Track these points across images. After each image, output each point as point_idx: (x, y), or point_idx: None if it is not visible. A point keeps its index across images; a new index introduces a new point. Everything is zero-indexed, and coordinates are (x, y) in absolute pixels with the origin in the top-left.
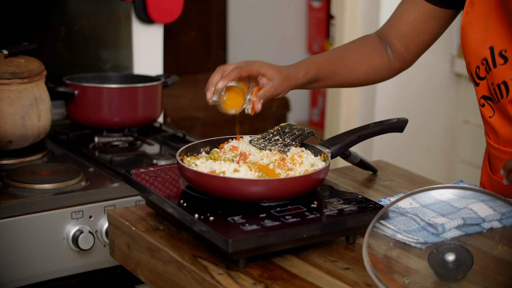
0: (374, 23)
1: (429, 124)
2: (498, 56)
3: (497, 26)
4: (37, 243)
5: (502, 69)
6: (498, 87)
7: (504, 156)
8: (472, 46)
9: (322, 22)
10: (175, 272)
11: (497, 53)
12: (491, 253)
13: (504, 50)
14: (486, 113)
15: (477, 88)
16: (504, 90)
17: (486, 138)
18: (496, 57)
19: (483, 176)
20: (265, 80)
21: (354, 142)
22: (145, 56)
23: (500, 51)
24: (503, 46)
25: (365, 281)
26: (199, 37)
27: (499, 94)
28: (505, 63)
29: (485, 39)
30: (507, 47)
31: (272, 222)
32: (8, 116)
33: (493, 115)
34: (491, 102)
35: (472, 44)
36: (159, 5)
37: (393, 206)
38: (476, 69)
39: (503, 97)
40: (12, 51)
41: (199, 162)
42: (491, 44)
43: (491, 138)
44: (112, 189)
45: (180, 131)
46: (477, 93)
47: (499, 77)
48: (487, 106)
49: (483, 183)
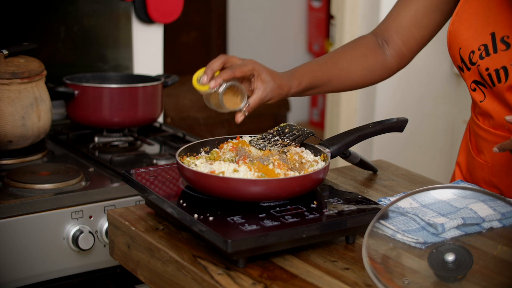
0: (374, 23)
1: (429, 124)
2: (500, 42)
3: (500, 13)
4: (37, 243)
5: (503, 55)
6: (496, 72)
7: (494, 138)
8: (470, 31)
9: (322, 22)
10: (174, 272)
11: (498, 39)
12: (491, 253)
13: (506, 36)
14: (477, 98)
15: (468, 73)
16: (503, 75)
17: (474, 120)
18: (497, 42)
19: (460, 156)
20: (259, 84)
21: (354, 142)
22: (145, 56)
23: (502, 37)
24: (506, 32)
25: (365, 281)
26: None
27: (496, 79)
28: (507, 49)
29: (487, 25)
30: (510, 34)
31: (272, 222)
32: (8, 116)
33: (484, 99)
34: (483, 87)
35: (470, 30)
36: (159, 5)
37: (393, 206)
38: (470, 53)
39: (501, 82)
40: (12, 51)
41: (199, 162)
42: (493, 30)
43: (480, 120)
44: (112, 189)
45: (180, 131)
46: (466, 78)
47: (498, 63)
48: (478, 90)
49: (459, 162)
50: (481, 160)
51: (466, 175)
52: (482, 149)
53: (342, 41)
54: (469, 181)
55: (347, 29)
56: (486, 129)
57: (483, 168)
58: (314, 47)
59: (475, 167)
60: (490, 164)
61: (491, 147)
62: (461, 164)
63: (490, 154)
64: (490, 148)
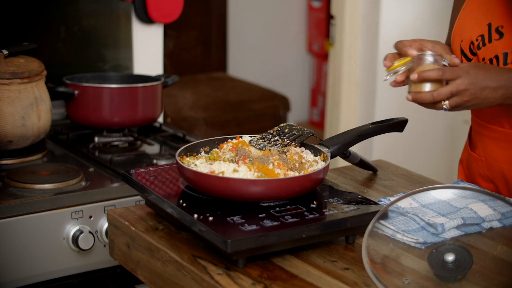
0: (374, 23)
1: (429, 124)
2: (494, 32)
3: (498, 4)
4: (37, 243)
5: (496, 44)
6: (490, 62)
7: (487, 132)
8: (471, 23)
9: (322, 22)
10: (174, 272)
11: (493, 29)
12: (490, 253)
13: (501, 26)
14: None
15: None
16: (495, 63)
17: (472, 115)
18: (492, 32)
19: (463, 154)
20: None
21: (354, 142)
22: (145, 56)
23: (497, 27)
24: (500, 22)
25: (365, 281)
26: (199, 37)
27: None
28: (500, 38)
29: (485, 16)
30: (504, 23)
31: (272, 222)
32: (8, 116)
33: None
34: None
35: (471, 22)
36: (159, 5)
37: (393, 206)
38: (470, 45)
39: None
40: (12, 51)
41: (199, 162)
42: (490, 21)
43: (476, 114)
44: (112, 189)
45: (180, 131)
46: None
47: (492, 52)
48: None
49: (462, 160)
50: (476, 154)
51: (466, 172)
52: (477, 144)
53: (342, 41)
54: (468, 177)
55: (347, 29)
56: (480, 123)
57: (478, 163)
58: (314, 47)
59: (471, 162)
60: (484, 158)
61: (484, 142)
62: (463, 162)
63: (484, 148)
64: (484, 142)
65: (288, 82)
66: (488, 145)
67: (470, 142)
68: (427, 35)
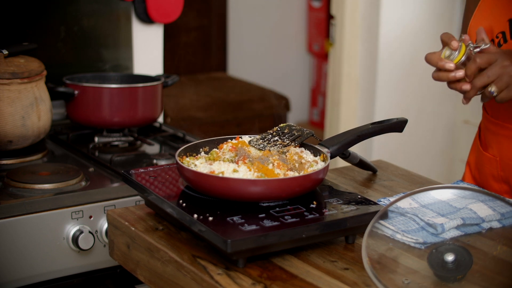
0: (374, 23)
1: (429, 124)
2: None
3: None
4: (37, 243)
5: None
6: None
7: (504, 131)
8: (489, 20)
9: (322, 22)
10: (174, 272)
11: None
12: (490, 253)
13: None
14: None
15: None
16: None
17: (484, 114)
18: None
19: (470, 156)
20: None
21: (353, 142)
22: (145, 56)
23: None
24: None
25: (364, 281)
26: (199, 37)
27: None
28: None
29: (505, 13)
30: None
31: (271, 222)
32: (8, 116)
33: None
34: None
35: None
36: (159, 5)
37: (393, 206)
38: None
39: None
40: (12, 51)
41: (199, 162)
42: (511, 16)
43: (490, 113)
44: (112, 189)
45: (180, 131)
46: None
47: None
48: None
49: (469, 162)
50: (489, 154)
51: (474, 173)
52: (490, 143)
53: (342, 41)
54: (477, 178)
55: (347, 29)
56: (495, 122)
57: (491, 163)
58: (314, 47)
59: (483, 163)
60: (498, 158)
61: (499, 141)
62: (471, 164)
63: (499, 148)
64: (498, 141)
65: (288, 82)
66: (503, 145)
67: (481, 143)
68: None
